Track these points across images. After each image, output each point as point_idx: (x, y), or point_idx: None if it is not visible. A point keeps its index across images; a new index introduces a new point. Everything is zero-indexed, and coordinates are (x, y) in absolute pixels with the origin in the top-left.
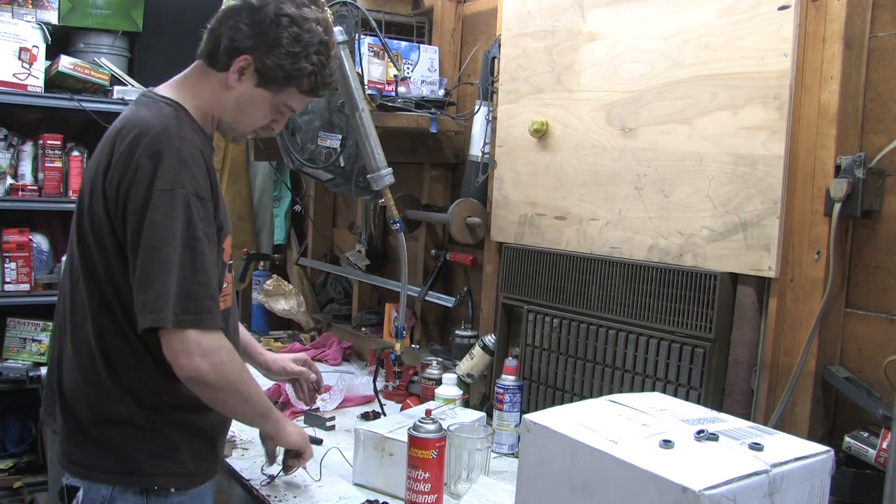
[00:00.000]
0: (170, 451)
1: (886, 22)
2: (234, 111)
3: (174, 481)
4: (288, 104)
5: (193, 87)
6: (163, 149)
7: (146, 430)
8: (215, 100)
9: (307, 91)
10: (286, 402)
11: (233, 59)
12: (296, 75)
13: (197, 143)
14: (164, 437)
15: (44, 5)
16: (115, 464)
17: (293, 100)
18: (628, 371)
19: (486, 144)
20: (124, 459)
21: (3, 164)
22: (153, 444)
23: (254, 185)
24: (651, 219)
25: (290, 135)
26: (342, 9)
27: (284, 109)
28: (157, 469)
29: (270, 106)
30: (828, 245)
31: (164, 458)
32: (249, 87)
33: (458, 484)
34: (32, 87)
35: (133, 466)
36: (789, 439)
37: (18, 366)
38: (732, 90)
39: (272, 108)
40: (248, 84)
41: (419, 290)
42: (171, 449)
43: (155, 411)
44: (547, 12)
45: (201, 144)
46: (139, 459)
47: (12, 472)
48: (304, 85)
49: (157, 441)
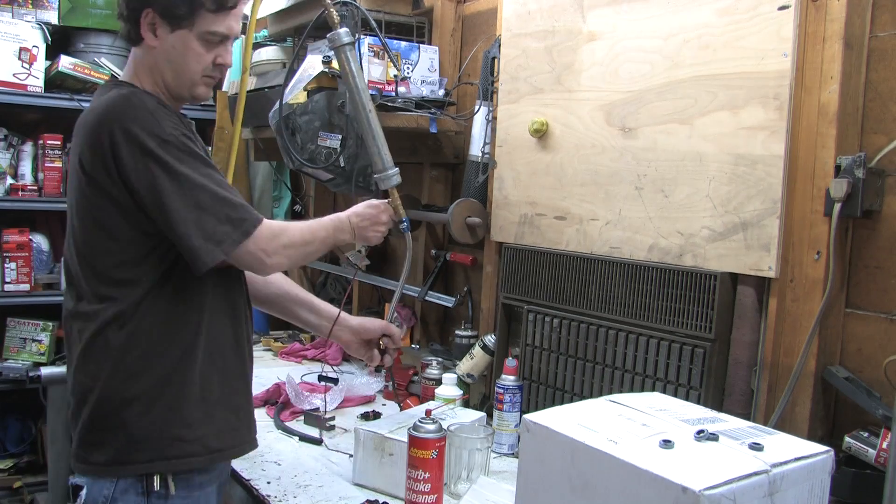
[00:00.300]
0: (186, 431)
1: (886, 22)
2: (171, 67)
3: (190, 462)
4: (211, 31)
5: (134, 69)
6: (131, 110)
7: (155, 413)
8: (152, 69)
9: (217, 8)
10: (286, 402)
11: (139, 22)
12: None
13: (161, 104)
14: (178, 417)
15: (44, 5)
16: (115, 455)
17: (212, 23)
18: (628, 371)
19: (486, 144)
20: (121, 450)
21: (3, 164)
22: (168, 426)
23: (254, 185)
24: (651, 219)
25: (290, 135)
26: (342, 9)
27: (213, 38)
28: (174, 451)
29: (197, 42)
30: (828, 245)
31: (181, 438)
32: (167, 37)
33: (458, 484)
34: (32, 87)
35: (131, 454)
36: (789, 439)
37: (18, 366)
38: (732, 90)
39: (200, 43)
40: (164, 34)
41: (419, 290)
42: (186, 428)
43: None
44: (547, 12)
45: (167, 110)
46: (138, 446)
47: (12, 472)
48: (209, 2)
49: (155, 423)
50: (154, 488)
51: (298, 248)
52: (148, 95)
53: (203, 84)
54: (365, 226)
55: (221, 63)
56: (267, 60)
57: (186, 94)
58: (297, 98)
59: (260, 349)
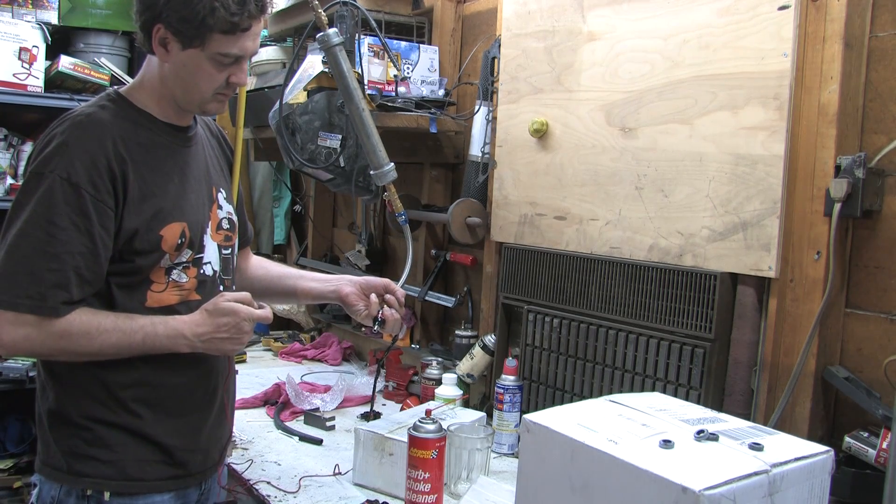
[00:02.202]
0: (103, 451)
1: (886, 22)
2: (181, 85)
3: (107, 485)
4: (222, 52)
5: (143, 75)
6: (56, 134)
7: (81, 427)
8: (162, 80)
9: (229, 29)
10: (286, 402)
11: (150, 36)
12: (205, 19)
13: (110, 132)
14: (98, 436)
15: (44, 5)
16: (57, 460)
17: (224, 45)
18: (628, 371)
19: (486, 144)
20: (61, 456)
21: (3, 164)
22: (88, 443)
23: (254, 185)
24: (651, 219)
25: (290, 135)
26: (342, 9)
27: (225, 59)
28: (89, 469)
29: (208, 63)
30: (828, 245)
31: (97, 458)
32: (178, 54)
33: (458, 484)
34: (32, 87)
35: (67, 464)
36: (789, 439)
37: (18, 366)
38: (732, 90)
39: (211, 64)
40: (176, 51)
41: (419, 290)
42: (105, 448)
43: (88, 407)
44: (547, 12)
45: (122, 132)
46: (74, 457)
47: (12, 472)
48: (221, 24)
49: (92, 440)
50: (88, 494)
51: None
52: (112, 117)
53: (215, 101)
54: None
55: (235, 82)
56: (267, 60)
57: (196, 110)
58: (297, 98)
59: (260, 349)
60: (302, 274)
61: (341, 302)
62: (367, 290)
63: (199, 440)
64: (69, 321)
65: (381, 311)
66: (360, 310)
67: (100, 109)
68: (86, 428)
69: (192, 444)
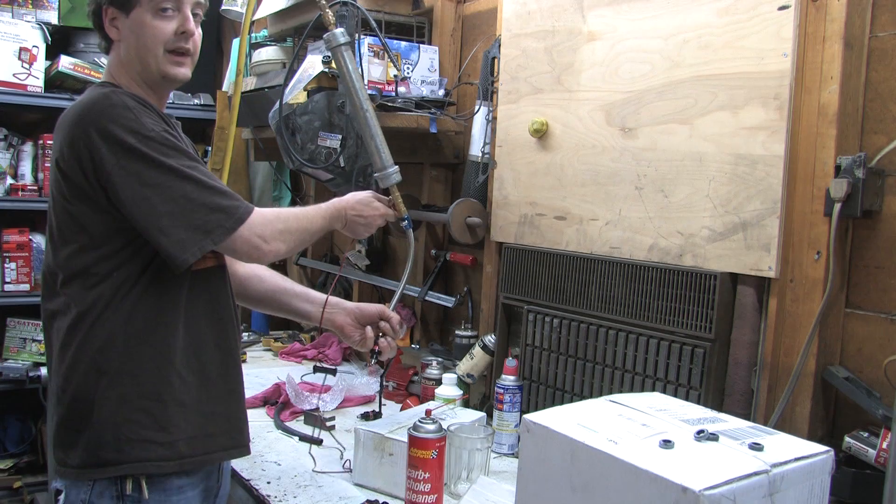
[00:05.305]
0: (159, 434)
1: (886, 22)
2: (136, 53)
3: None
4: (160, 4)
5: (110, 72)
6: (109, 112)
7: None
8: (124, 65)
9: None
10: (286, 402)
11: (103, 25)
12: None
13: (141, 102)
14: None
15: (44, 5)
16: (87, 457)
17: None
18: (628, 371)
19: (486, 144)
20: (93, 451)
21: (3, 164)
22: (120, 429)
23: (254, 185)
24: (651, 219)
25: (290, 135)
26: (342, 9)
27: (165, 9)
28: (125, 456)
29: (152, 18)
30: (828, 245)
31: (137, 440)
32: (126, 24)
33: (458, 484)
34: (32, 87)
35: (101, 456)
36: (789, 439)
37: (18, 366)
38: (732, 90)
39: (155, 18)
40: (123, 23)
41: (419, 290)
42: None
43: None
44: (547, 12)
45: (147, 108)
46: (107, 448)
47: (12, 472)
48: None
49: (125, 424)
50: (127, 492)
51: (295, 233)
52: (127, 94)
53: (170, 61)
54: (359, 222)
55: (184, 31)
56: (267, 60)
57: (157, 76)
58: (297, 98)
59: (260, 349)
60: (296, 292)
61: (336, 331)
62: (361, 320)
63: (235, 404)
64: (261, 212)
65: (376, 344)
66: (356, 340)
67: (112, 90)
68: (131, 412)
69: (231, 409)
